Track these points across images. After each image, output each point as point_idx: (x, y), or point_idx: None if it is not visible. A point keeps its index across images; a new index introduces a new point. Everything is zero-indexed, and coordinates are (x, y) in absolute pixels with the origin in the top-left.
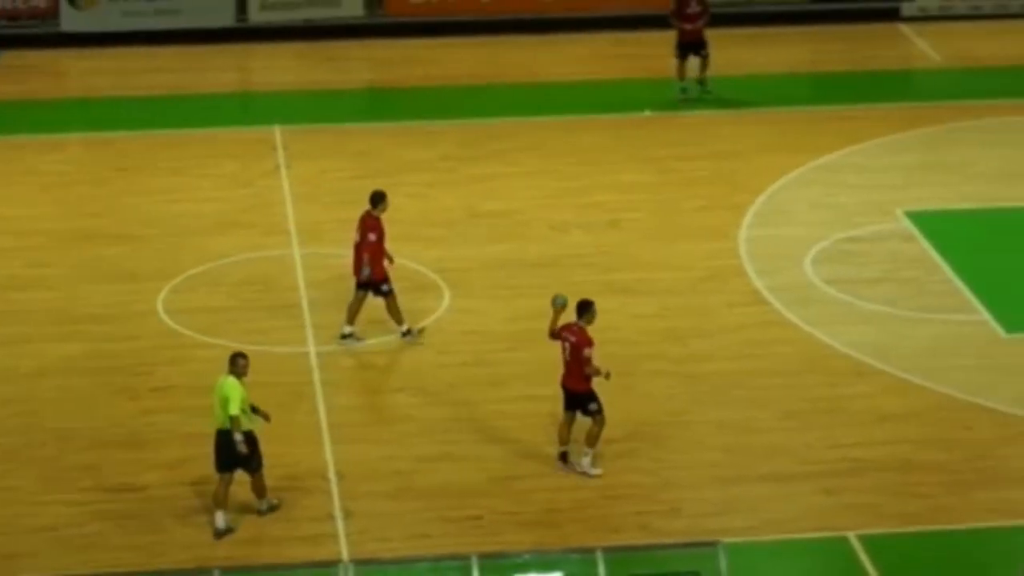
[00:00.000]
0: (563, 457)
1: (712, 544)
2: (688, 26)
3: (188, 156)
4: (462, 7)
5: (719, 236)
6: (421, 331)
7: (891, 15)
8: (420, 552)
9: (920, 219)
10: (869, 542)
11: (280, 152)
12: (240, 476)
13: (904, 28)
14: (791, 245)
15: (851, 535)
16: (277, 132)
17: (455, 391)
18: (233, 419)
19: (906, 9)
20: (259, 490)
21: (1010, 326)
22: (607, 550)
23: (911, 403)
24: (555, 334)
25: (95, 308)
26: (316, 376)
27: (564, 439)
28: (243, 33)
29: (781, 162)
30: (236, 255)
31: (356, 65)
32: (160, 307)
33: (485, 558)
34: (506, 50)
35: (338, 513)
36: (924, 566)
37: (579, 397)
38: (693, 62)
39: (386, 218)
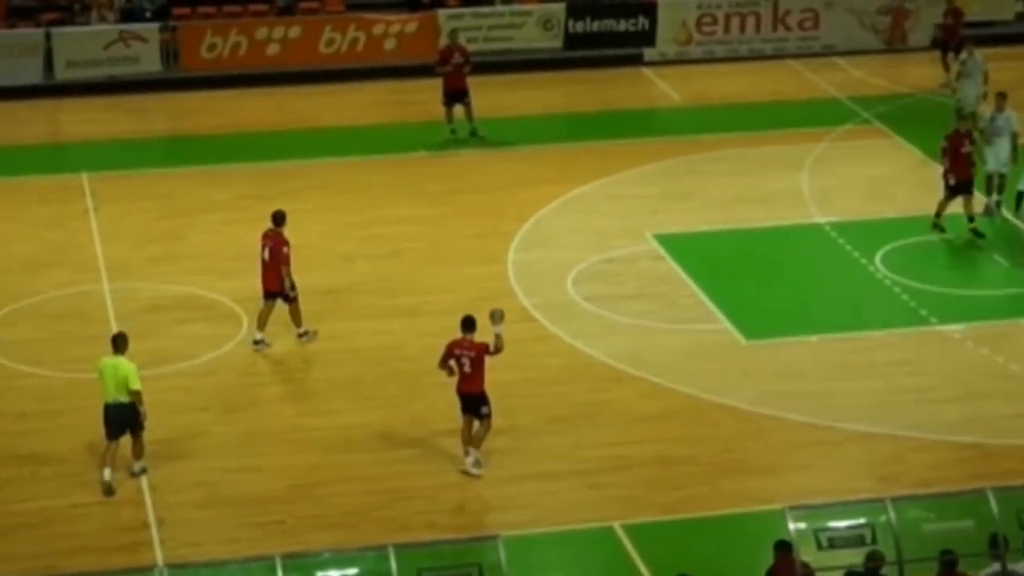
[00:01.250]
0: (469, 453)
1: (492, 538)
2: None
3: (3, 203)
4: (251, 61)
5: (490, 261)
6: (270, 344)
7: (635, 60)
8: (229, 555)
9: (667, 241)
10: (632, 530)
11: (88, 197)
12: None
13: (647, 72)
14: (554, 267)
15: (616, 525)
16: (85, 179)
17: (256, 408)
18: (138, 393)
19: (648, 55)
20: (139, 451)
21: (748, 334)
22: (398, 547)
23: (664, 405)
24: (447, 355)
25: None
26: None
27: (467, 440)
28: (51, 89)
29: (542, 194)
30: (52, 291)
31: (156, 115)
32: None
33: (288, 558)
34: (292, 99)
35: (152, 522)
36: (681, 550)
37: (476, 400)
38: (459, 107)
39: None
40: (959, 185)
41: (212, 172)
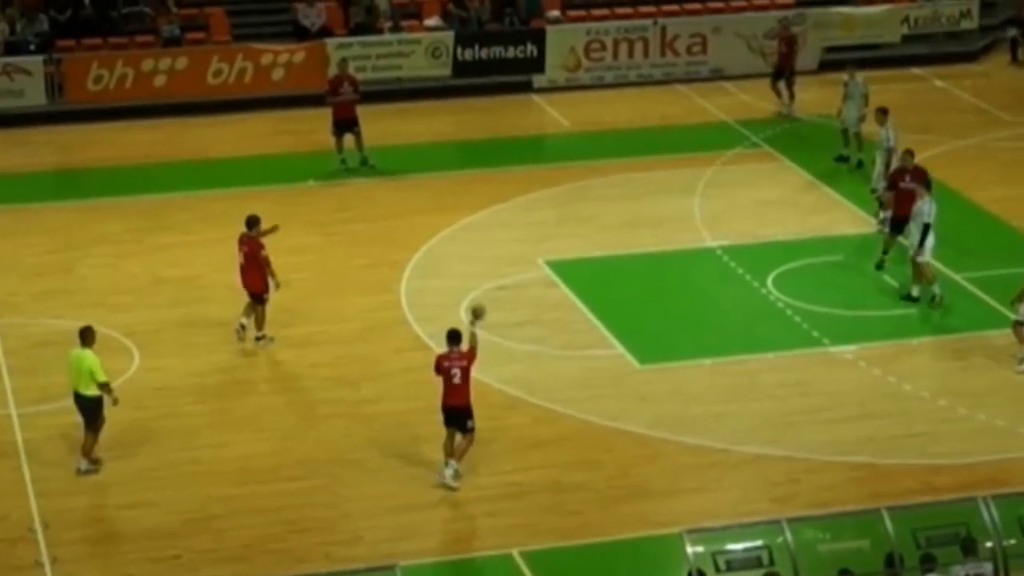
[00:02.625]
0: (448, 465)
1: (390, 568)
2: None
3: None
4: (137, 92)
5: (382, 290)
6: (272, 338)
7: (525, 87)
8: None
9: (559, 267)
10: (530, 557)
11: None
12: None
13: (537, 98)
14: (447, 295)
15: (514, 552)
16: None
17: (149, 443)
18: (105, 385)
19: (537, 81)
20: (87, 448)
21: (642, 358)
22: None
23: (559, 431)
24: (438, 370)
25: None
26: (19, 435)
27: (449, 452)
28: None
29: (434, 222)
30: None
31: (42, 149)
32: None
33: None
34: (180, 130)
35: (46, 560)
36: None
37: (462, 413)
38: (349, 136)
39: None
40: (896, 220)
41: (100, 205)
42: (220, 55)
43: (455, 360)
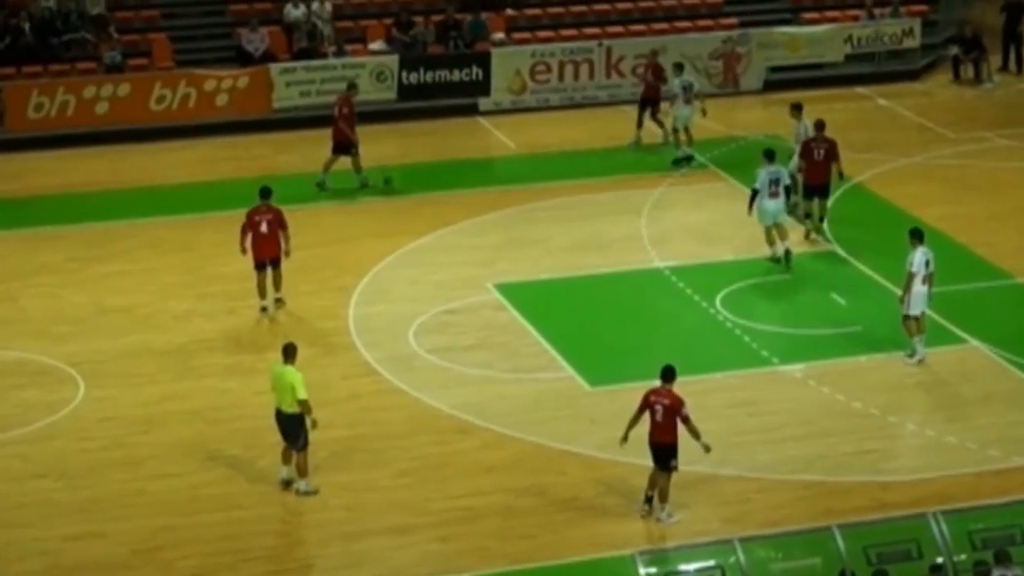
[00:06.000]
0: (648, 500)
1: None
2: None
3: None
4: (79, 120)
5: (330, 316)
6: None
7: (471, 110)
8: None
9: (508, 290)
10: None
11: None
12: None
13: (483, 121)
14: (395, 320)
15: None
16: None
17: (95, 474)
18: (304, 402)
19: (483, 104)
20: (301, 469)
21: (592, 380)
22: None
23: (510, 454)
24: (644, 404)
25: None
26: None
27: (653, 485)
28: None
29: (382, 246)
30: None
31: None
32: None
33: None
34: (122, 158)
35: None
36: None
37: (667, 450)
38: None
39: None
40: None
41: (42, 234)
42: (163, 81)
43: (661, 397)
